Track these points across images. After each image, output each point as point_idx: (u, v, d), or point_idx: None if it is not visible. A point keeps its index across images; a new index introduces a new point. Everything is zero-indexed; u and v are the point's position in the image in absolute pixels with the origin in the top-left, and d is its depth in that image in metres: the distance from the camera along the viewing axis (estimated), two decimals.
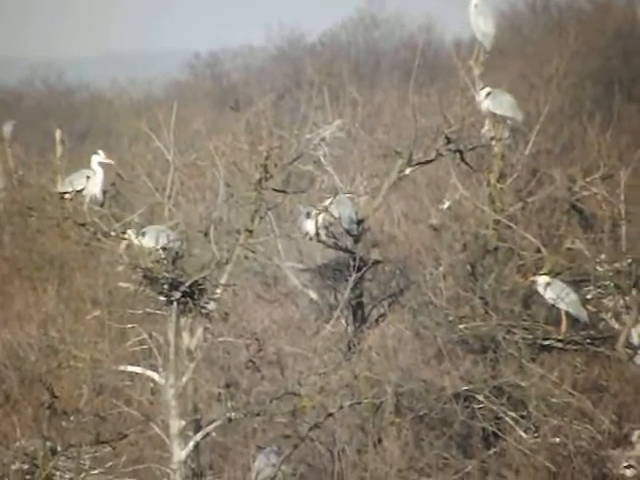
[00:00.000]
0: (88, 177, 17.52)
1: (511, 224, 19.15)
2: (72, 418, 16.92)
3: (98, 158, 17.64)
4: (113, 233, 17.02)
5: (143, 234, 16.83)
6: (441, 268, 19.16)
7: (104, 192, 17.51)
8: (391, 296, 20.31)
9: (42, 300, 21.21)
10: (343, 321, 19.65)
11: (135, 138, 21.92)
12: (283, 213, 19.68)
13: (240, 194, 17.24)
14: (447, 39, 52.08)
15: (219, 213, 17.10)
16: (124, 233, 16.86)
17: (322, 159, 19.90)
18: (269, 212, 17.69)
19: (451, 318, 18.91)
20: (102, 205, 17.40)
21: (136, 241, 16.73)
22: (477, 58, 19.54)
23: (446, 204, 19.95)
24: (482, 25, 19.42)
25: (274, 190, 17.39)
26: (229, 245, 17.01)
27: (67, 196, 17.45)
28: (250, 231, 17.16)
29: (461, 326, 18.80)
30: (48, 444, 16.85)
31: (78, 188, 17.45)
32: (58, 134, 32.17)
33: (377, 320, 20.05)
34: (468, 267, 19.22)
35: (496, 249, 19.37)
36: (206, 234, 17.02)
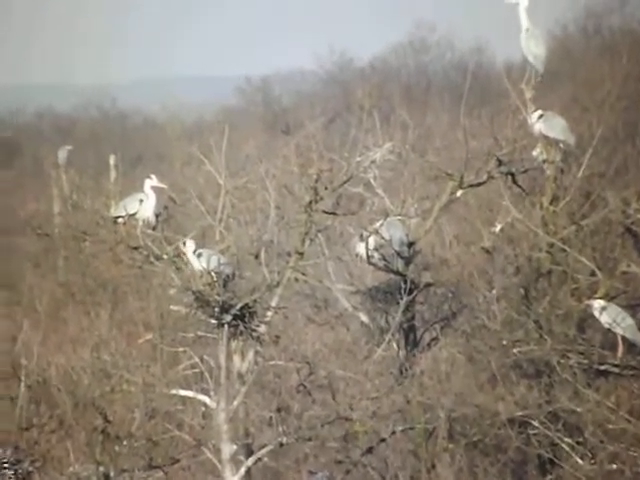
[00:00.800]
0: (141, 201, 17.61)
1: (565, 247, 18.95)
2: (125, 443, 16.94)
3: (151, 182, 17.72)
4: (165, 256, 17.07)
5: (199, 255, 16.87)
6: (494, 291, 18.99)
7: (157, 216, 17.58)
8: (443, 320, 20.16)
9: (95, 324, 21.30)
10: (395, 345, 19.52)
11: (187, 162, 22.04)
12: (333, 235, 19.62)
13: (290, 217, 17.23)
14: (498, 61, 51.94)
15: (270, 236, 17.09)
16: (183, 244, 16.89)
17: (372, 181, 19.85)
18: (319, 234, 17.65)
19: (505, 342, 18.71)
20: (155, 228, 17.47)
21: (191, 254, 16.77)
22: (529, 81, 19.41)
23: (498, 227, 19.80)
24: (533, 47, 19.30)
25: (324, 212, 17.36)
26: (280, 268, 16.99)
27: (120, 220, 17.54)
28: (300, 253, 17.13)
29: (515, 350, 18.59)
30: (101, 469, 16.88)
31: (131, 212, 17.54)
32: (112, 159, 32.49)
33: (429, 344, 19.90)
34: (521, 290, 19.03)
35: (550, 272, 19.17)
36: (257, 257, 17.02)
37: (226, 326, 16.95)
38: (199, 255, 16.86)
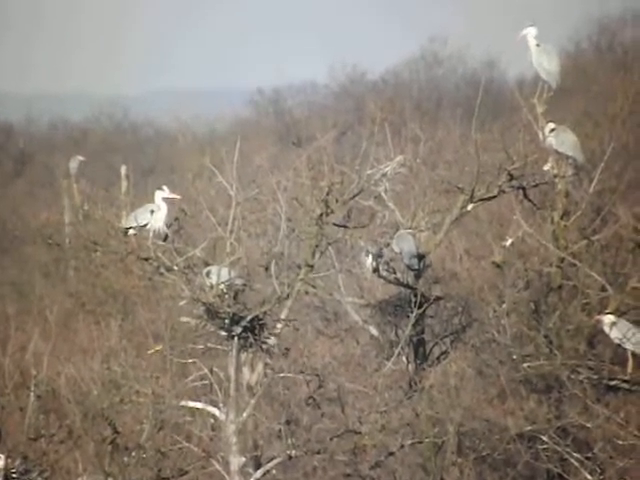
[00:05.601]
0: (152, 212, 17.63)
1: (576, 262, 18.93)
2: (133, 454, 16.94)
3: (162, 193, 17.75)
4: (176, 267, 17.09)
5: (208, 273, 16.89)
6: (504, 306, 18.97)
7: (168, 227, 17.60)
8: (453, 333, 20.15)
9: (105, 334, 21.32)
10: (404, 358, 19.52)
11: (199, 173, 22.06)
12: (344, 248, 19.63)
13: (301, 229, 17.25)
14: (510, 76, 51.99)
15: (280, 248, 17.11)
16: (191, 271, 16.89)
17: (383, 194, 19.87)
18: (330, 247, 17.67)
19: (515, 357, 18.69)
20: (165, 240, 17.49)
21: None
22: (541, 96, 19.39)
23: (509, 241, 19.79)
24: (546, 64, 19.26)
25: (335, 225, 17.38)
26: (290, 280, 17.00)
27: (131, 231, 17.56)
28: (311, 266, 17.14)
29: (525, 365, 18.56)
30: None
31: (142, 223, 17.55)
32: (123, 170, 32.57)
33: (439, 358, 19.89)
34: (532, 305, 19.01)
35: (560, 287, 19.15)
36: (267, 269, 17.03)
37: (236, 338, 16.95)
38: (208, 272, 16.88)
